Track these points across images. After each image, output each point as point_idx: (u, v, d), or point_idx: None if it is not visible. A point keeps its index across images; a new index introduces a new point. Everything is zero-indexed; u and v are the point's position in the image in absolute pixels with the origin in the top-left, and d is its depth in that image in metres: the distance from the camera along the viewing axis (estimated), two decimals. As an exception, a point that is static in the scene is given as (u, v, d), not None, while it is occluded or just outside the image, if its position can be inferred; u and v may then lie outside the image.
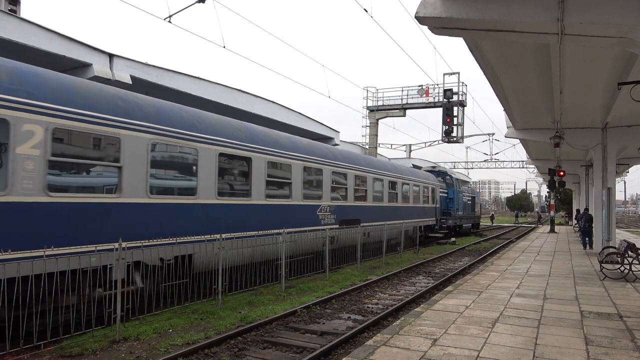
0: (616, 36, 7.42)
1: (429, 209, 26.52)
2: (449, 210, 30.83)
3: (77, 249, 7.46)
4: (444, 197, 30.62)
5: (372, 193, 18.58)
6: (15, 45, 13.40)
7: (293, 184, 13.21)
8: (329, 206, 15.04)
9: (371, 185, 18.48)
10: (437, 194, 28.36)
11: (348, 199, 16.45)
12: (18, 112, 6.77)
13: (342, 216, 15.80)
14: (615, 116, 16.54)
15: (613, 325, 7.43)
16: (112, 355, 6.83)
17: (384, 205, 19.82)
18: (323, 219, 14.64)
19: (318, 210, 14.44)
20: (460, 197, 33.32)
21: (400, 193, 21.79)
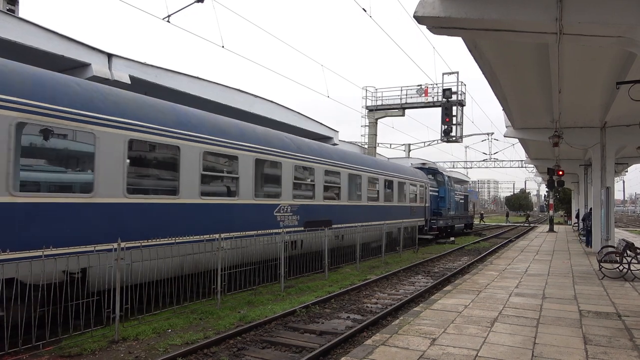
0: (615, 35, 7.43)
1: (418, 208, 24.81)
2: (440, 210, 29.27)
3: (76, 249, 7.45)
4: (435, 196, 29.08)
5: (348, 191, 16.66)
6: (13, 45, 13.38)
7: (241, 180, 11.28)
8: (290, 206, 13.14)
9: (346, 181, 16.53)
10: (427, 192, 26.60)
11: (316, 197, 14.55)
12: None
13: (308, 217, 13.92)
14: (613, 115, 16.55)
15: (612, 324, 7.44)
16: (111, 355, 6.82)
17: (363, 204, 18.01)
18: (282, 220, 12.74)
19: (276, 211, 12.55)
20: (452, 196, 31.84)
21: (382, 191, 20.02)
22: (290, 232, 12.81)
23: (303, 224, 13.67)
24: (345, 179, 16.53)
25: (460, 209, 34.61)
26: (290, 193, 13.23)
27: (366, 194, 18.32)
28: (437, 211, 28.82)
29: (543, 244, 23.82)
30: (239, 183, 11.29)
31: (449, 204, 30.62)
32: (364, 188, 18.11)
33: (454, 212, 32.04)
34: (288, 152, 13.29)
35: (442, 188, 30.03)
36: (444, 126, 26.38)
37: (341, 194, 16.27)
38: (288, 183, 13.20)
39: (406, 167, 25.84)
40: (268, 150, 12.40)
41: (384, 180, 20.13)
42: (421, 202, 25.51)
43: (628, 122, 17.16)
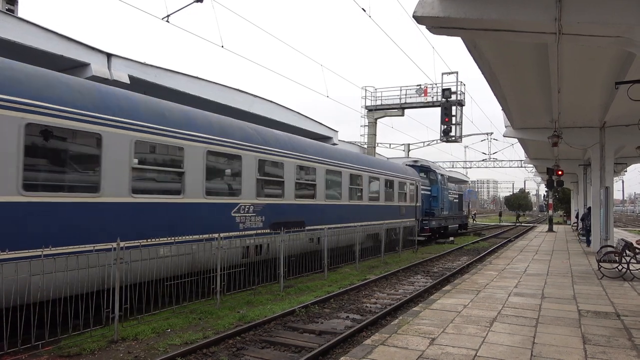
0: (613, 35, 7.43)
1: (408, 208, 23.23)
2: (432, 210, 27.74)
3: (75, 248, 7.45)
4: (427, 195, 27.62)
5: (325, 188, 15.17)
6: (13, 45, 13.37)
7: (187, 175, 9.72)
8: (254, 205, 11.66)
9: (323, 179, 15.02)
10: (419, 191, 25.13)
11: (285, 195, 13.03)
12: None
13: (275, 218, 12.44)
14: (613, 115, 16.57)
15: (611, 324, 7.44)
16: (110, 355, 6.82)
17: (344, 203, 16.52)
18: (242, 222, 11.23)
19: (234, 211, 10.98)
20: (446, 195, 30.35)
21: (366, 189, 18.40)
22: (252, 235, 11.39)
23: (269, 226, 12.12)
24: (322, 176, 15.04)
25: (454, 209, 33.32)
26: (253, 191, 11.70)
27: (347, 193, 16.81)
28: (430, 211, 27.43)
29: (542, 244, 23.84)
30: (184, 179, 9.68)
31: (442, 203, 29.21)
32: (344, 186, 16.61)
33: (448, 212, 30.63)
34: (250, 145, 11.76)
35: (435, 187, 28.60)
36: (444, 126, 26.41)
37: (317, 192, 14.69)
38: (250, 179, 11.64)
39: (395, 164, 24.29)
40: (224, 141, 10.85)
41: (368, 178, 18.60)
42: (412, 201, 23.90)
43: (627, 122, 17.17)
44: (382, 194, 20.14)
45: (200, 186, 10.11)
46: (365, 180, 18.33)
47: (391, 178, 21.13)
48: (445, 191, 30.17)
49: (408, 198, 23.40)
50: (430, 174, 28.94)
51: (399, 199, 22.13)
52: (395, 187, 21.60)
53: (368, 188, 18.66)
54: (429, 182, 28.34)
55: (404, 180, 22.95)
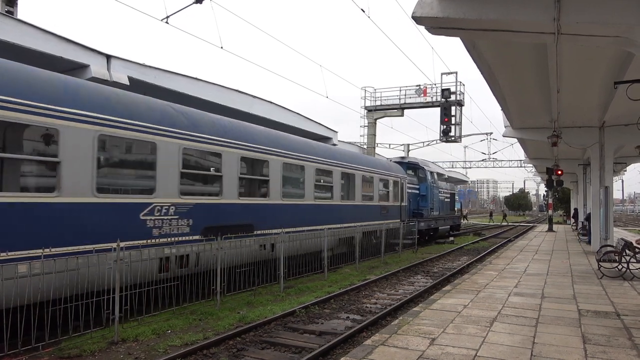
0: (612, 35, 7.45)
1: (391, 208, 20.94)
2: (421, 210, 25.57)
3: (75, 249, 7.45)
4: (415, 194, 25.65)
5: (282, 185, 12.89)
6: (12, 47, 13.38)
7: (66, 166, 7.47)
8: (175, 206, 9.38)
9: (278, 173, 12.74)
10: (404, 189, 22.92)
11: (225, 193, 10.78)
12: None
13: (210, 221, 10.24)
14: (612, 115, 16.58)
15: (611, 323, 7.45)
16: (110, 356, 6.83)
17: (308, 203, 14.25)
18: (158, 227, 8.93)
19: (145, 213, 8.68)
20: (436, 194, 28.19)
21: (338, 186, 16.22)
22: (174, 244, 9.17)
23: (201, 231, 9.96)
24: (278, 170, 12.74)
25: (445, 209, 31.10)
26: (174, 187, 9.41)
27: (312, 191, 14.55)
28: (418, 211, 25.24)
29: (542, 244, 23.85)
30: (61, 171, 7.42)
31: (432, 203, 27.13)
32: (308, 183, 14.31)
33: (438, 213, 28.41)
34: (170, 130, 9.43)
35: (424, 185, 26.49)
36: (443, 126, 26.42)
37: (271, 189, 12.46)
38: (169, 174, 9.33)
39: (376, 160, 21.93)
40: (129, 124, 8.58)
41: (340, 174, 16.36)
42: (395, 200, 21.56)
43: (626, 122, 17.19)
44: (359, 192, 17.87)
45: (89, 182, 7.82)
46: (337, 176, 16.12)
47: (370, 174, 18.95)
48: (436, 190, 28.29)
49: (391, 197, 21.17)
50: (418, 171, 26.96)
51: (381, 198, 19.95)
52: (375, 185, 19.39)
53: (340, 185, 16.45)
54: (417, 180, 26.40)
55: (387, 177, 20.74)
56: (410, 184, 24.64)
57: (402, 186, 22.58)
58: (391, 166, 22.15)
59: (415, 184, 25.82)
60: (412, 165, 27.13)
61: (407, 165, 26.28)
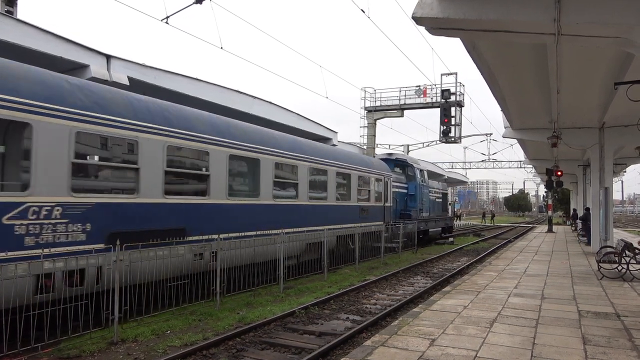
0: (612, 36, 7.45)
1: (373, 209, 18.83)
2: (409, 211, 23.77)
3: (73, 249, 7.44)
4: (403, 194, 23.82)
5: (227, 182, 10.79)
6: (12, 47, 13.37)
7: None
8: (63, 206, 7.39)
9: (223, 167, 10.65)
10: (389, 188, 20.86)
11: (143, 191, 8.79)
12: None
13: (118, 226, 8.27)
14: (612, 116, 16.59)
15: (611, 324, 7.44)
16: (110, 357, 6.81)
17: (263, 203, 12.12)
18: (34, 234, 6.97)
19: (11, 216, 6.73)
20: (426, 194, 26.34)
21: (305, 184, 14.07)
22: (59, 256, 7.16)
23: (105, 239, 7.97)
24: (222, 164, 10.65)
25: (436, 210, 29.22)
26: (63, 182, 7.46)
27: (271, 188, 12.42)
28: (406, 212, 23.60)
29: (542, 245, 23.85)
30: None
31: (422, 203, 25.23)
32: (265, 179, 12.21)
33: (428, 214, 26.67)
34: (55, 107, 7.40)
35: (413, 184, 24.61)
36: (443, 127, 26.38)
37: (211, 186, 10.33)
38: (51, 165, 7.32)
39: (354, 154, 19.72)
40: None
41: (308, 169, 14.19)
42: (378, 200, 19.45)
43: (626, 123, 17.20)
44: (332, 190, 15.73)
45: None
46: (304, 171, 14.01)
47: (347, 171, 16.84)
48: (426, 189, 26.42)
49: (373, 196, 19.04)
50: (407, 169, 25.05)
51: (360, 197, 17.93)
52: (353, 183, 17.28)
53: (308, 183, 14.27)
54: (405, 178, 24.54)
55: (368, 175, 18.67)
56: (397, 182, 22.87)
57: (387, 185, 20.50)
58: (373, 162, 20.00)
59: (403, 182, 24.12)
60: (400, 162, 25.28)
61: (394, 162, 24.61)
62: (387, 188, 20.54)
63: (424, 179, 26.15)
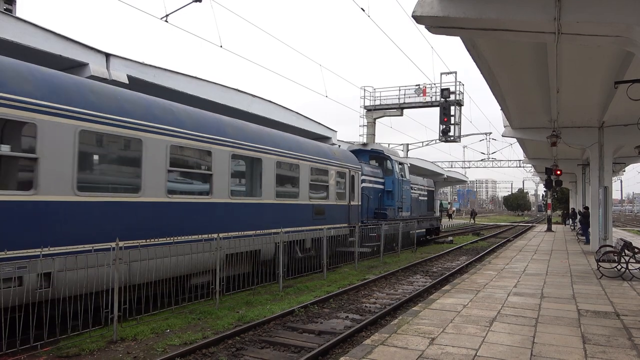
0: (613, 35, 7.44)
1: (333, 208, 15.76)
2: (385, 210, 20.65)
3: (72, 248, 7.43)
4: (378, 190, 20.84)
5: (77, 171, 7.62)
6: (10, 44, 13.33)
7: None
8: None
9: (68, 149, 7.49)
10: (357, 183, 17.80)
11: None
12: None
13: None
14: (611, 115, 16.60)
15: (610, 323, 7.44)
16: (109, 355, 6.80)
17: (154, 200, 8.95)
18: None
19: None
20: (407, 190, 23.19)
21: (224, 176, 10.70)
22: None
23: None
24: (67, 146, 7.48)
25: (421, 209, 26.35)
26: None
27: (164, 181, 9.17)
28: (381, 211, 20.46)
29: (541, 244, 23.85)
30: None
31: (401, 201, 22.15)
32: (154, 168, 8.98)
33: (409, 213, 23.54)
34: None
35: (390, 179, 21.47)
36: (442, 126, 26.39)
37: (44, 176, 7.16)
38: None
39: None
40: None
41: (229, 156, 10.83)
42: (341, 198, 16.40)
43: (626, 122, 17.20)
44: (270, 185, 12.48)
45: None
46: (222, 160, 10.64)
47: (293, 161, 13.58)
48: (406, 185, 23.20)
49: (333, 193, 15.88)
50: (386, 162, 21.97)
51: (314, 194, 14.79)
52: (302, 176, 14.03)
53: (229, 174, 10.89)
54: (382, 172, 21.53)
55: (326, 166, 15.43)
56: (372, 177, 20.17)
57: (354, 179, 17.46)
58: (335, 152, 16.78)
59: (379, 177, 21.13)
60: (375, 154, 22.23)
61: (369, 153, 21.96)
62: (354, 183, 17.47)
63: (404, 174, 23.05)
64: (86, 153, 7.99)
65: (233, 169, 11.27)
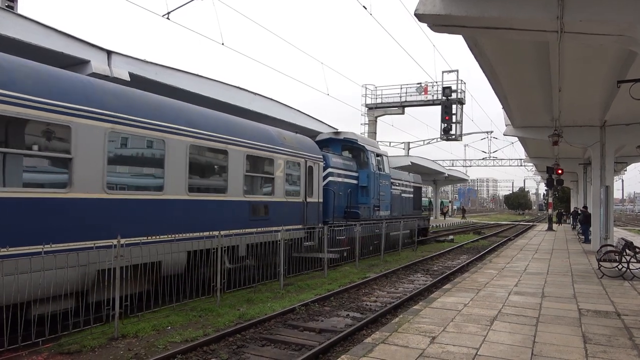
0: (615, 34, 7.43)
1: (281, 206, 13.00)
2: (357, 208, 17.68)
3: (76, 245, 7.43)
4: (350, 185, 17.73)
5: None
6: (11, 41, 13.33)
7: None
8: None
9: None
10: (318, 176, 15.10)
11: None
12: None
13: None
14: (613, 114, 16.58)
15: (611, 323, 7.44)
16: (110, 352, 6.82)
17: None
18: None
19: None
20: (386, 186, 20.09)
21: (98, 162, 7.94)
22: None
23: None
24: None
25: (405, 208, 23.42)
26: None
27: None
28: (352, 210, 17.51)
29: (542, 243, 23.84)
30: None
31: (378, 198, 19.13)
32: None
33: (389, 212, 20.46)
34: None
35: (364, 172, 18.36)
36: (444, 124, 26.41)
37: None
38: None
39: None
40: None
41: (105, 135, 8.05)
42: (292, 194, 13.67)
43: (628, 121, 17.20)
44: (181, 176, 9.65)
45: None
46: (97, 141, 7.93)
47: (221, 145, 10.80)
48: (385, 180, 19.98)
49: (281, 188, 13.02)
50: (361, 154, 18.81)
51: (256, 188, 12.28)
52: (235, 165, 11.22)
53: (105, 160, 8.08)
54: (356, 165, 18.48)
55: (271, 154, 12.63)
56: (341, 169, 17.34)
57: (312, 171, 14.71)
58: (285, 138, 13.81)
59: (352, 170, 18.12)
60: (348, 143, 18.93)
61: (341, 143, 18.87)
62: (312, 176, 14.71)
63: (382, 167, 19.81)
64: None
65: (114, 153, 8.46)
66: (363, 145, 18.93)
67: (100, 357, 6.66)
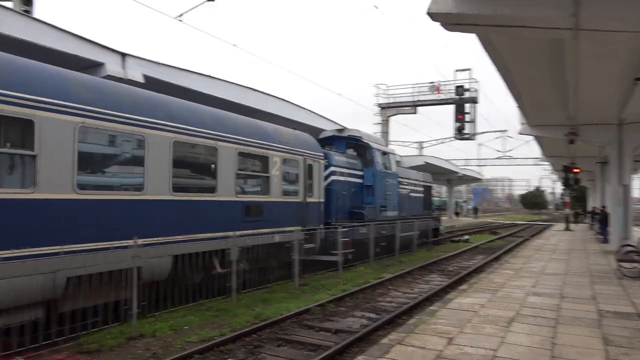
0: (632, 31, 7.31)
1: (278, 207, 12.40)
2: (362, 209, 17.08)
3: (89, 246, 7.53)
4: (355, 184, 17.21)
5: None
6: (26, 44, 13.55)
7: None
8: None
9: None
10: (319, 175, 14.55)
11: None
12: None
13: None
14: (631, 112, 16.30)
15: (632, 325, 7.31)
16: (129, 351, 6.89)
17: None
18: None
19: None
20: (392, 185, 19.41)
21: (67, 160, 7.32)
22: None
23: None
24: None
25: (415, 207, 22.67)
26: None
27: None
28: (357, 210, 16.96)
29: (559, 243, 23.54)
30: None
31: (385, 198, 18.62)
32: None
33: (397, 212, 19.70)
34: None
35: (370, 171, 17.77)
36: (457, 123, 26.16)
37: None
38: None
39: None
40: None
41: (75, 131, 7.48)
42: (291, 194, 13.10)
43: (646, 119, 16.89)
44: (164, 175, 9.02)
45: None
46: (64, 136, 7.35)
47: (210, 142, 10.19)
48: (392, 179, 19.39)
49: (277, 187, 12.41)
50: (365, 152, 18.09)
51: (246, 187, 11.68)
52: (226, 163, 10.60)
53: (76, 158, 7.50)
54: (361, 163, 17.84)
55: (266, 151, 12.00)
56: (345, 168, 16.76)
57: (312, 170, 14.16)
58: (282, 134, 13.13)
59: (357, 169, 17.53)
60: (353, 141, 18.23)
61: (345, 140, 18.23)
62: (311, 175, 14.12)
63: (388, 165, 19.23)
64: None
65: (87, 149, 7.81)
66: (368, 143, 18.22)
67: (119, 356, 6.74)
